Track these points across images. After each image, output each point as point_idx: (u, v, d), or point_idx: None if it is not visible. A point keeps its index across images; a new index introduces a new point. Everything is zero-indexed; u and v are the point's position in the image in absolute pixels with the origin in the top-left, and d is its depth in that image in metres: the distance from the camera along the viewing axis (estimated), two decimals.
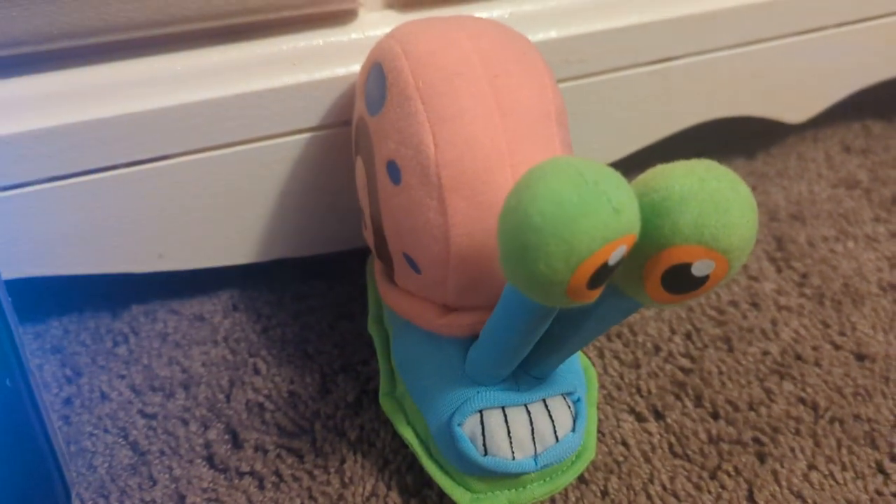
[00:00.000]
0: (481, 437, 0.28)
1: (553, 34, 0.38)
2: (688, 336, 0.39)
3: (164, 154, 0.34)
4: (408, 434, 0.31)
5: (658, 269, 0.22)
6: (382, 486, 0.33)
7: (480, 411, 0.29)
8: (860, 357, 0.38)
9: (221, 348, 0.38)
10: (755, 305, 0.41)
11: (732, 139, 0.53)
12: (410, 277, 0.30)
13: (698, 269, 0.22)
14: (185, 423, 0.35)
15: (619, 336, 0.39)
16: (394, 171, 0.28)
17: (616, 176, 0.21)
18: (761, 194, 0.48)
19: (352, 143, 0.33)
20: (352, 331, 0.39)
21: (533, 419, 0.29)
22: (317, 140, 0.36)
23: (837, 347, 0.38)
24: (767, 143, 0.53)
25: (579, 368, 0.32)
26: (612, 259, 0.21)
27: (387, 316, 0.35)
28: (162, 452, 0.34)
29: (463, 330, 0.30)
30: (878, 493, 0.32)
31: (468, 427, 0.29)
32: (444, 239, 0.27)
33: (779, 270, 0.43)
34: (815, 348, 0.38)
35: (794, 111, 0.48)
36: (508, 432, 0.29)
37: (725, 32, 0.42)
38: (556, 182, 0.21)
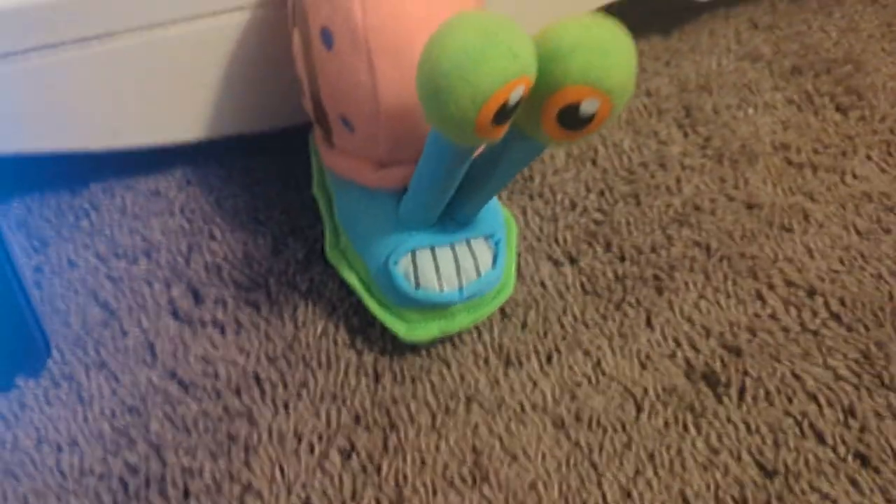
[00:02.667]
0: (413, 274, 0.33)
1: None
2: (601, 193, 0.44)
3: (109, 31, 0.36)
4: (351, 278, 0.36)
5: (553, 109, 0.26)
6: (332, 327, 0.37)
7: (412, 251, 0.33)
8: (749, 206, 0.43)
9: (178, 218, 0.42)
10: (662, 166, 0.45)
11: (651, 18, 0.56)
12: (347, 138, 0.34)
13: (586, 107, 0.26)
14: (150, 284, 0.39)
15: (540, 195, 0.43)
16: (327, 37, 0.31)
17: (515, 26, 0.25)
18: (674, 68, 0.52)
19: (289, 17, 0.36)
20: (298, 199, 0.43)
21: (458, 257, 0.33)
22: (256, 18, 0.38)
23: (731, 199, 0.44)
24: (682, 22, 0.56)
25: (500, 216, 0.36)
26: (512, 98, 0.25)
27: (329, 179, 0.38)
28: (130, 309, 0.38)
29: (395, 182, 0.33)
30: (756, 315, 0.38)
31: (402, 266, 0.33)
32: (374, 97, 0.30)
33: (685, 135, 0.48)
34: (712, 200, 0.43)
35: None
36: (437, 268, 0.33)
37: None
38: (461, 33, 0.24)
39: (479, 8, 0.32)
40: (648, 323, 0.38)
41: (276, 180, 0.44)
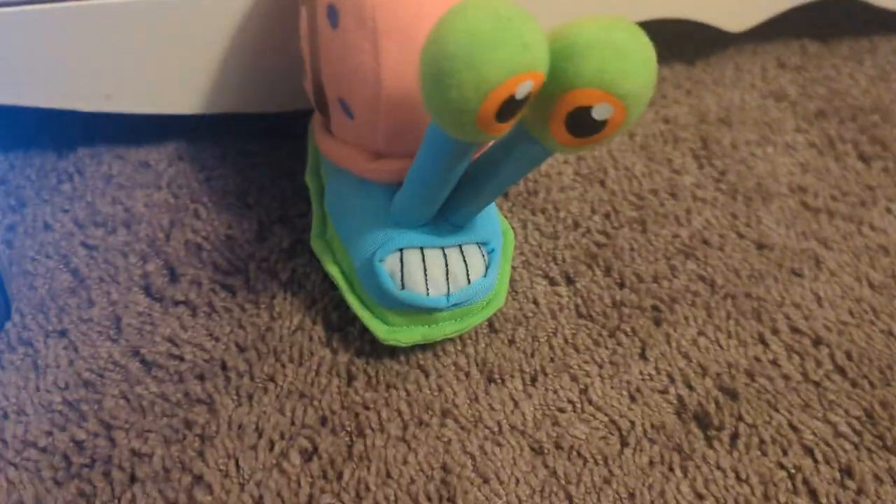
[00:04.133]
0: (399, 273, 0.31)
1: None
2: (606, 216, 0.42)
3: None
4: (334, 271, 0.34)
5: (562, 111, 0.25)
6: (308, 321, 0.35)
7: (401, 250, 0.31)
8: (760, 246, 0.41)
9: (164, 193, 0.40)
10: (673, 195, 0.44)
11: (676, 46, 0.55)
12: (345, 124, 0.32)
13: (598, 113, 0.24)
14: (125, 255, 0.37)
15: (542, 211, 0.41)
16: (333, 14, 0.29)
17: (530, 17, 0.23)
18: (695, 98, 0.51)
19: None
20: (292, 187, 0.41)
21: (448, 261, 0.31)
22: None
23: (741, 236, 0.42)
24: (708, 53, 0.55)
25: (497, 225, 0.35)
26: (519, 92, 0.23)
27: (323, 166, 0.37)
28: (101, 279, 0.36)
29: (390, 175, 0.32)
30: (757, 359, 0.36)
31: (389, 263, 0.31)
32: (376, 81, 0.29)
33: (700, 167, 0.46)
34: (721, 236, 0.42)
35: (734, 19, 0.50)
36: (425, 270, 0.31)
37: None
38: (472, 15, 0.22)
39: None
40: (643, 354, 0.36)
41: (271, 165, 0.42)
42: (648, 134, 0.47)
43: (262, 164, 0.42)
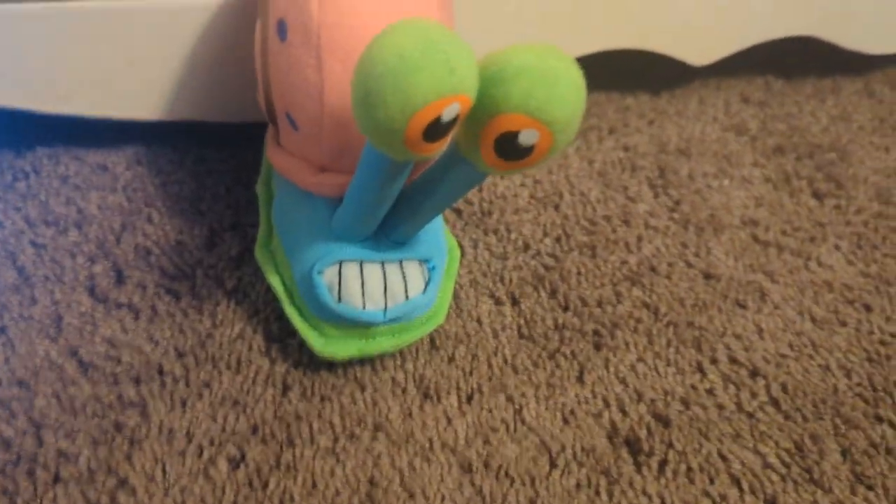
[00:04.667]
0: (337, 286, 0.31)
1: None
2: (557, 239, 0.42)
3: None
4: (275, 281, 0.34)
5: (491, 136, 0.25)
6: (249, 330, 0.35)
7: (340, 263, 0.31)
8: (707, 276, 0.42)
9: (119, 196, 0.40)
10: (626, 222, 0.44)
11: (643, 77, 0.55)
12: (291, 136, 0.32)
13: (525, 138, 0.25)
14: (73, 256, 0.37)
15: (495, 231, 0.42)
16: (282, 28, 0.30)
17: (461, 42, 0.24)
18: (657, 128, 0.51)
19: (258, 7, 0.35)
20: (246, 196, 0.41)
21: (387, 276, 0.32)
22: (227, 7, 0.37)
23: (689, 266, 0.42)
24: (674, 85, 0.56)
25: (442, 243, 0.35)
26: (446, 115, 0.24)
27: (273, 178, 0.37)
28: (46, 278, 0.36)
29: (333, 189, 0.32)
30: (693, 387, 0.36)
31: (327, 276, 0.31)
32: (320, 97, 0.29)
33: (656, 196, 0.46)
34: (669, 264, 0.42)
35: (697, 53, 0.51)
36: (363, 284, 0.31)
37: None
38: (401, 38, 0.23)
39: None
40: (580, 378, 0.36)
41: (227, 173, 0.42)
42: (607, 161, 0.48)
43: (219, 171, 0.42)
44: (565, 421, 0.34)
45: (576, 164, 0.47)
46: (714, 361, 0.38)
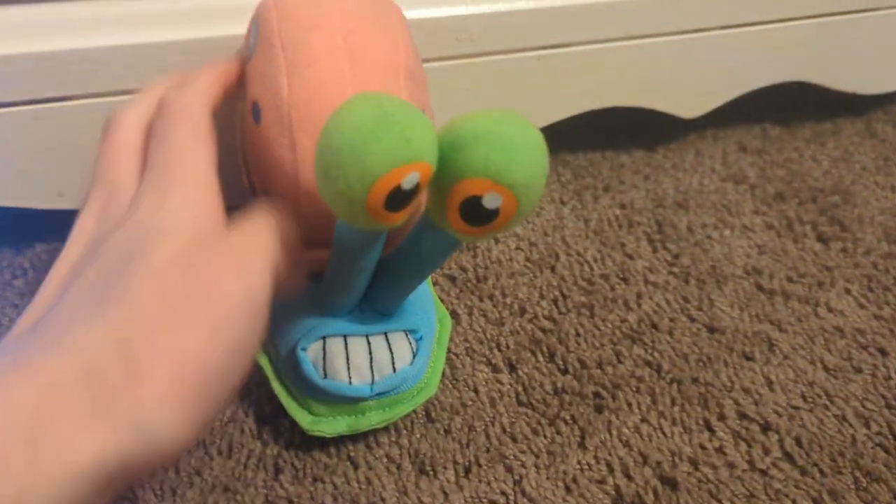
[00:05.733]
0: (322, 362, 0.31)
1: (443, 11, 0.40)
2: (554, 301, 0.42)
3: (66, 95, 0.36)
4: (262, 361, 0.34)
5: (455, 201, 0.25)
6: (241, 413, 0.35)
7: (324, 338, 0.31)
8: (711, 329, 0.41)
9: None
10: (624, 279, 0.43)
11: (637, 133, 0.55)
12: None
13: (489, 202, 0.25)
14: None
15: (490, 297, 0.41)
16: (256, 111, 0.30)
17: (416, 112, 0.24)
18: (653, 183, 0.51)
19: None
20: None
21: (372, 349, 0.31)
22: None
23: (692, 320, 0.41)
24: (669, 139, 0.56)
25: (430, 312, 0.35)
26: (406, 183, 0.24)
27: None
28: None
29: (313, 265, 0.32)
30: (702, 447, 0.35)
31: (312, 352, 0.31)
32: (295, 174, 0.29)
33: (654, 250, 0.46)
34: (671, 320, 0.41)
35: (687, 107, 0.51)
36: (347, 359, 0.31)
37: (615, 24, 0.45)
38: (357, 110, 0.23)
39: (416, 102, 0.32)
40: (581, 443, 0.35)
41: None
42: (603, 219, 0.48)
43: None
44: (567, 489, 0.33)
45: (571, 224, 0.47)
46: (722, 418, 0.36)
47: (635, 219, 0.48)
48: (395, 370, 0.32)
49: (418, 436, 0.35)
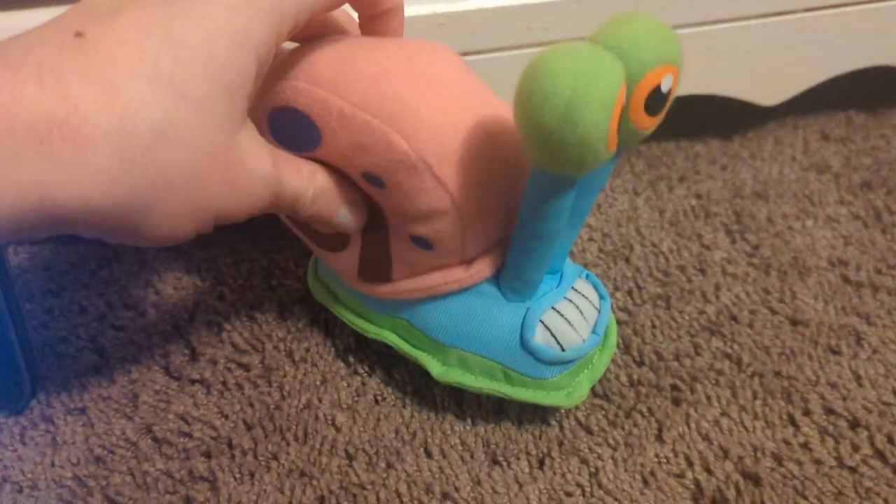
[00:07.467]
0: (553, 339, 0.32)
1: (515, 1, 0.40)
2: (629, 293, 0.41)
3: None
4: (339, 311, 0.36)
5: (640, 97, 0.25)
6: (316, 400, 0.35)
7: (541, 321, 0.32)
8: (794, 322, 0.39)
9: (193, 276, 0.42)
10: (701, 271, 0.42)
11: (713, 121, 0.54)
12: (419, 255, 0.31)
13: (665, 85, 0.26)
14: (150, 336, 0.38)
15: None
16: (373, 179, 0.30)
17: (587, 45, 0.25)
18: (730, 173, 0.50)
19: None
20: None
21: (576, 303, 0.32)
22: None
23: (774, 312, 0.40)
24: (746, 127, 0.54)
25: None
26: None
27: (378, 318, 0.36)
28: (124, 359, 0.37)
29: (492, 267, 0.32)
30: (786, 442, 0.34)
31: (540, 337, 0.31)
32: (454, 207, 0.29)
33: (733, 241, 0.44)
34: (751, 312, 0.40)
35: (766, 94, 0.49)
36: (569, 322, 0.32)
37: (691, 9, 0.43)
38: (565, 62, 0.23)
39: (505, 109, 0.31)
40: (659, 436, 0.34)
41: (298, 248, 0.43)
42: (679, 210, 0.47)
43: (290, 247, 0.43)
44: (645, 482, 0.32)
45: (646, 214, 0.46)
46: (807, 413, 0.35)
47: (712, 209, 0.46)
48: (598, 309, 0.33)
49: (491, 426, 0.34)
